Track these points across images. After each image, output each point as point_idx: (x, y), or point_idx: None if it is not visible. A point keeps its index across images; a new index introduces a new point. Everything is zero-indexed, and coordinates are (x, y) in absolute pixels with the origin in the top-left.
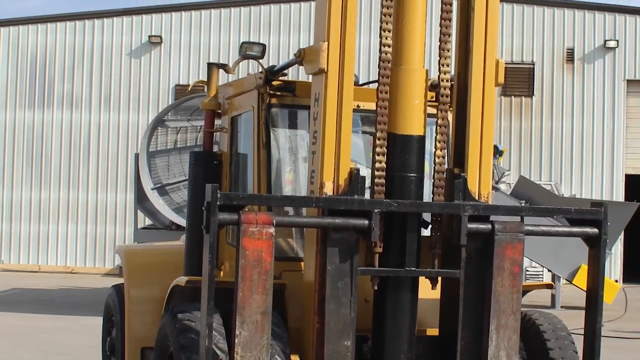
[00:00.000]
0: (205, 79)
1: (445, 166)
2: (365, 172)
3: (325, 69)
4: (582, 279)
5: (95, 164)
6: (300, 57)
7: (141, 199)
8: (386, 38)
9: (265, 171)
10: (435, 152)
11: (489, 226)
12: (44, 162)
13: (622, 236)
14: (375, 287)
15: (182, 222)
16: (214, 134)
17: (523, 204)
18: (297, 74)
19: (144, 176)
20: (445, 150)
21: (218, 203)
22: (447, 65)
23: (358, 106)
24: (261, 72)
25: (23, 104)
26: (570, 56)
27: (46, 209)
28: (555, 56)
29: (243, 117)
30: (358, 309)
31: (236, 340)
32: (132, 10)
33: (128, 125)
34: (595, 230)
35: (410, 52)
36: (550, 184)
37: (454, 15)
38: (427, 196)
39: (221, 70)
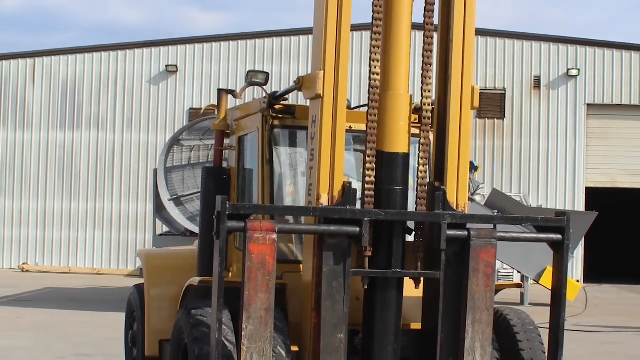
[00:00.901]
0: (216, 103)
1: (427, 180)
2: (356, 185)
3: (322, 94)
4: (547, 279)
5: (118, 178)
6: (300, 84)
7: (159, 208)
8: (375, 67)
9: (269, 184)
10: (418, 167)
11: (466, 233)
12: (74, 176)
13: (582, 241)
14: (366, 287)
15: (195, 229)
16: (224, 151)
17: (496, 213)
18: (297, 99)
19: (162, 189)
20: (427, 166)
21: (227, 212)
22: (429, 91)
23: (350, 127)
24: (265, 97)
25: (55, 125)
26: (537, 83)
27: (75, 218)
28: (523, 83)
29: (249, 136)
30: (350, 306)
31: (243, 334)
32: (151, 42)
33: (147, 144)
34: (559, 236)
35: (396, 79)
36: (519, 196)
37: (435, 47)
38: (411, 206)
39: (230, 96)
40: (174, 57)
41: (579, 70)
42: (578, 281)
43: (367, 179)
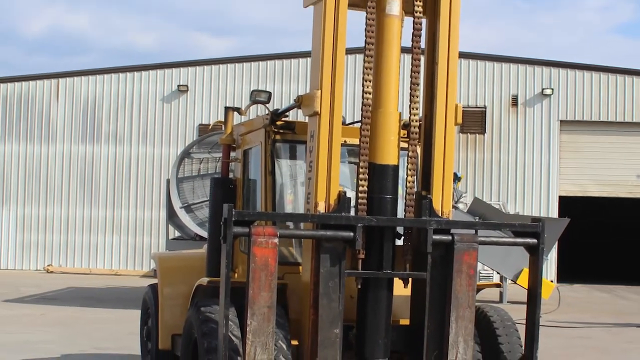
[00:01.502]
0: (223, 120)
1: (415, 189)
2: (351, 194)
3: (319, 112)
4: (524, 280)
5: (134, 187)
6: (299, 102)
7: (171, 215)
8: (367, 87)
9: (271, 193)
10: (406, 178)
11: (450, 237)
12: (94, 185)
13: (556, 245)
14: (359, 286)
15: (204, 234)
16: (230, 163)
17: (477, 220)
18: (297, 115)
19: (174, 197)
20: (415, 177)
21: (233, 219)
22: (416, 109)
23: (345, 141)
24: (268, 114)
25: (77, 139)
26: (514, 101)
27: (95, 223)
28: (502, 101)
29: (253, 150)
30: (345, 304)
31: (248, 329)
32: (164, 64)
33: (161, 157)
34: (535, 240)
35: (386, 98)
36: (499, 204)
37: (422, 69)
38: (400, 213)
39: (235, 113)
40: (185, 77)
41: (552, 89)
42: (552, 281)
43: (360, 188)
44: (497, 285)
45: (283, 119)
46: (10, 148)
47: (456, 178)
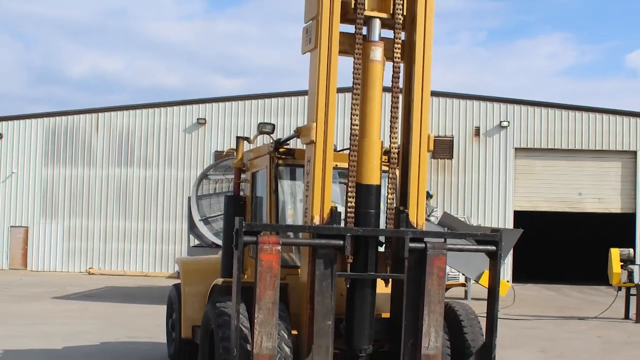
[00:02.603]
0: (235, 147)
1: (394, 205)
2: (341, 209)
3: (315, 141)
4: (485, 280)
5: (161, 203)
6: (298, 133)
7: (192, 226)
8: (355, 120)
9: (275, 208)
10: (387, 195)
11: (423, 245)
12: (127, 202)
13: (511, 251)
14: (348, 286)
15: (219, 242)
16: (241, 184)
17: (446, 230)
18: (296, 144)
19: (194, 211)
20: (394, 194)
21: (243, 230)
22: (395, 138)
23: (336, 165)
24: (272, 143)
25: (114, 164)
26: (477, 132)
27: (129, 233)
28: (467, 132)
29: (259, 172)
30: (336, 300)
31: (255, 321)
32: (186, 101)
33: (183, 178)
34: (494, 247)
35: (370, 129)
36: (464, 217)
37: (400, 105)
38: (382, 225)
39: (245, 142)
40: (203, 112)
41: (509, 122)
42: (508, 281)
43: (349, 204)
44: (463, 285)
45: (285, 146)
46: (58, 171)
47: (428, 196)
